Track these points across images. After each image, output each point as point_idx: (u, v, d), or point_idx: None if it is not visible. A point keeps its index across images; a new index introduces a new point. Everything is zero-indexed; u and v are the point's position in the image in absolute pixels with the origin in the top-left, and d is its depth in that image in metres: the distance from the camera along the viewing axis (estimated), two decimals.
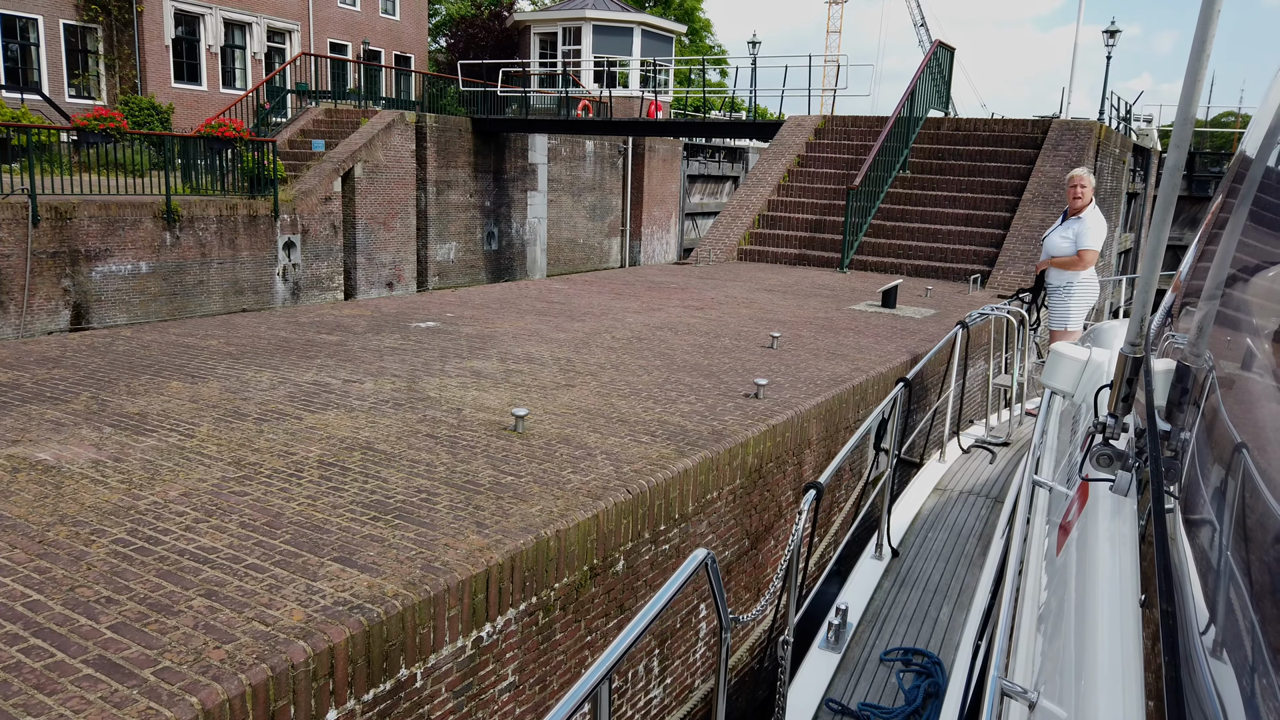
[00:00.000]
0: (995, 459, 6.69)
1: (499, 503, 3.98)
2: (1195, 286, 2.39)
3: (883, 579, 4.76)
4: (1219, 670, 1.21)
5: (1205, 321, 2.04)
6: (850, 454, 4.02)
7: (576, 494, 4.16)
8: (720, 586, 2.79)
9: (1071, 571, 2.12)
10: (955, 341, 6.70)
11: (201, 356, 6.40)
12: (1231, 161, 2.62)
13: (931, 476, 6.27)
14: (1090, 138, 15.27)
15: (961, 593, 4.64)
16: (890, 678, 3.90)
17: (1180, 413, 2.04)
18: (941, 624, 4.34)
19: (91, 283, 15.61)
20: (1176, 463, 1.90)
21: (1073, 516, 2.41)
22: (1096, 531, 2.16)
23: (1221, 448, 1.53)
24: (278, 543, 3.46)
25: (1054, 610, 2.12)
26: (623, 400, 5.81)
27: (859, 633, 4.24)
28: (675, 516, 4.67)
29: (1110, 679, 1.59)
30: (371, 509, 3.83)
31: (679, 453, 4.85)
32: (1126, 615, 1.76)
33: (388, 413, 5.23)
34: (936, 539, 5.30)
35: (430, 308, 8.99)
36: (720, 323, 8.85)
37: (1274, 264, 1.72)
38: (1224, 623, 1.25)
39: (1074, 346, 3.81)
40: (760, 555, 5.71)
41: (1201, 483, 1.62)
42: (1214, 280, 2.09)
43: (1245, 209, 2.01)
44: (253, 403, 5.28)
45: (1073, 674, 1.71)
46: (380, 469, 4.31)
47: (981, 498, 5.95)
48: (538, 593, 3.74)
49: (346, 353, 6.73)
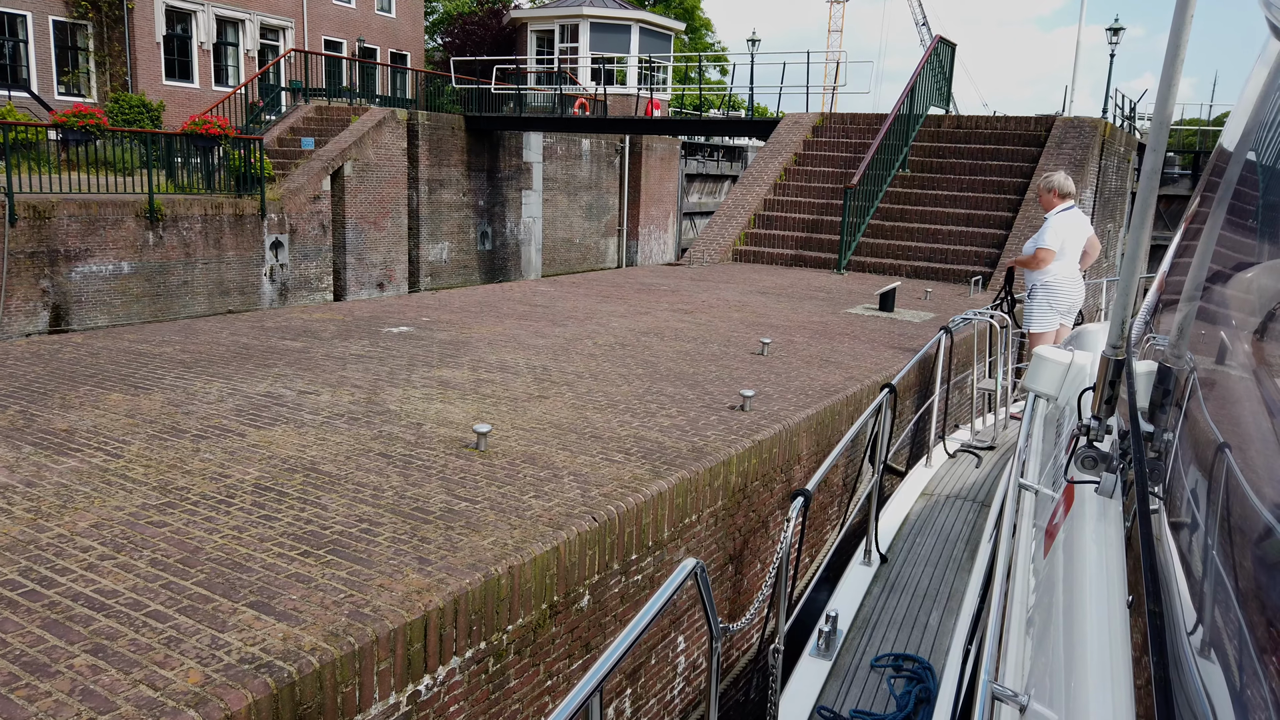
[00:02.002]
0: (981, 463, 6.70)
1: (448, 534, 3.59)
2: (1175, 286, 2.38)
3: (872, 585, 4.75)
4: (1207, 670, 1.20)
5: (1185, 322, 2.02)
6: (837, 460, 3.96)
7: (536, 522, 3.77)
8: (710, 596, 2.83)
9: (1059, 574, 2.12)
10: (940, 347, 6.73)
11: (151, 365, 6.00)
12: (1209, 158, 2.61)
13: (918, 481, 6.25)
14: (1095, 136, 14.86)
15: (950, 597, 4.63)
16: (881, 684, 3.88)
17: (1163, 414, 2.02)
18: (931, 629, 4.33)
19: (71, 283, 15.24)
20: (1160, 464, 1.89)
21: (1059, 519, 2.40)
22: (1083, 534, 2.15)
23: (1204, 448, 1.52)
24: (189, 584, 3.06)
25: (1043, 613, 2.12)
26: (598, 413, 5.41)
27: (849, 639, 4.24)
28: (649, 544, 4.28)
29: (1100, 680, 1.59)
30: (303, 542, 3.43)
31: (654, 473, 4.46)
32: (1114, 617, 1.75)
33: (340, 428, 4.83)
34: (925, 544, 5.28)
35: (406, 311, 8.59)
36: (709, 328, 8.46)
37: (1252, 262, 1.71)
38: (1211, 622, 1.24)
39: (1056, 350, 3.76)
40: (745, 580, 5.32)
41: (1185, 483, 1.61)
42: (1193, 280, 2.08)
43: (1224, 206, 1.98)
44: (195, 417, 4.88)
45: (1063, 676, 1.71)
46: (321, 494, 3.92)
47: (968, 502, 5.95)
48: (487, 637, 3.35)
49: (308, 361, 6.33)
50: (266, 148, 20.51)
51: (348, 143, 19.94)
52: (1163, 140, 2.18)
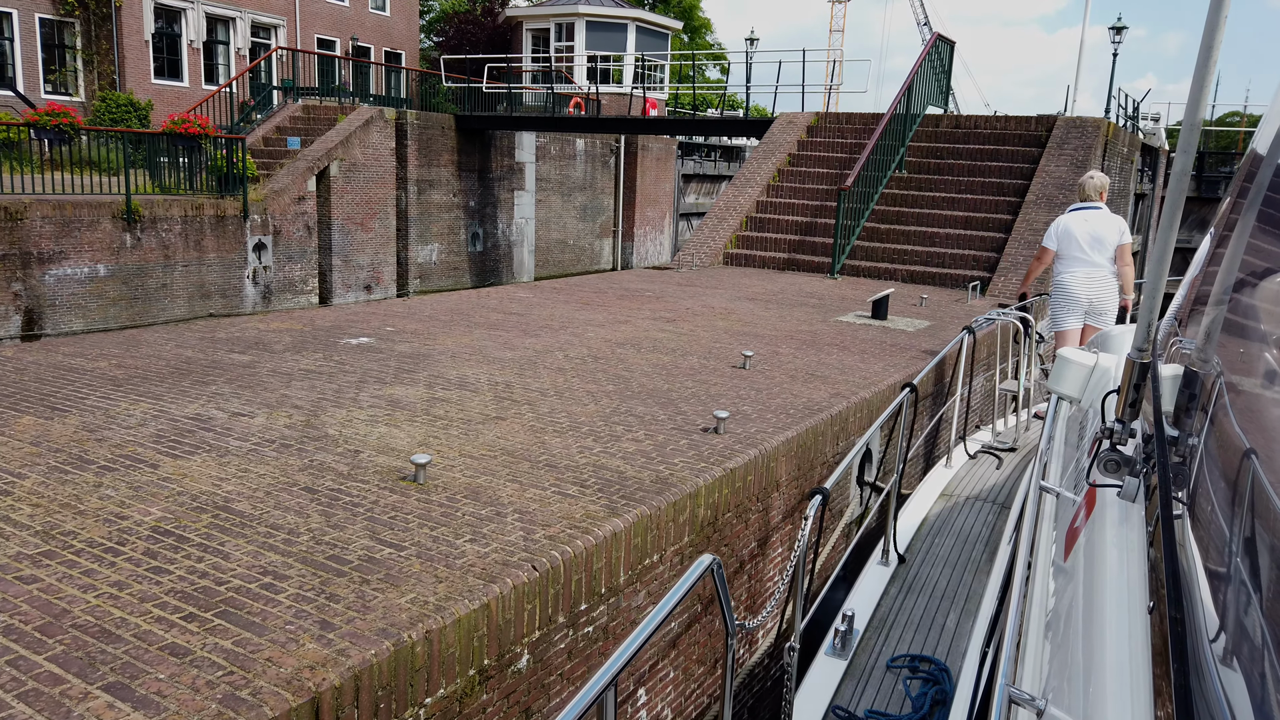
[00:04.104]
0: (1002, 464, 6.66)
1: (361, 589, 3.15)
2: (1203, 290, 2.35)
3: (889, 585, 4.73)
4: (1229, 678, 1.17)
5: (1213, 326, 2.00)
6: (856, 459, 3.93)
7: (466, 574, 3.32)
8: (726, 593, 2.84)
9: (1079, 578, 2.11)
10: (962, 347, 6.67)
11: (79, 382, 5.56)
12: (1241, 162, 2.58)
13: (938, 482, 6.21)
14: (1098, 136, 14.39)
15: (968, 599, 4.60)
16: (897, 685, 3.86)
17: (1188, 418, 1.99)
18: (949, 631, 4.30)
19: (45, 287, 14.82)
20: (1184, 468, 1.85)
21: (1080, 522, 2.38)
22: (1104, 538, 2.14)
23: (1230, 453, 1.49)
24: (42, 659, 2.62)
25: (1062, 617, 2.11)
26: (558, 437, 4.97)
27: (865, 639, 4.22)
28: (601, 591, 3.84)
29: (1119, 686, 1.58)
30: (191, 601, 2.99)
31: (610, 509, 4.01)
32: (1135, 622, 1.74)
33: (267, 457, 4.39)
34: (943, 545, 5.25)
35: (371, 320, 8.15)
36: (691, 338, 8.01)
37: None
38: (1234, 629, 1.21)
39: (1080, 351, 3.75)
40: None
41: (1210, 489, 1.57)
42: (1222, 284, 2.05)
43: (1254, 211, 1.94)
44: (108, 445, 4.44)
45: (1081, 681, 1.70)
46: (227, 539, 3.47)
47: (988, 503, 5.91)
48: (399, 714, 2.90)
49: (252, 377, 5.88)
50: (251, 147, 20.07)
51: (334, 142, 19.51)
52: (1194, 142, 2.13)
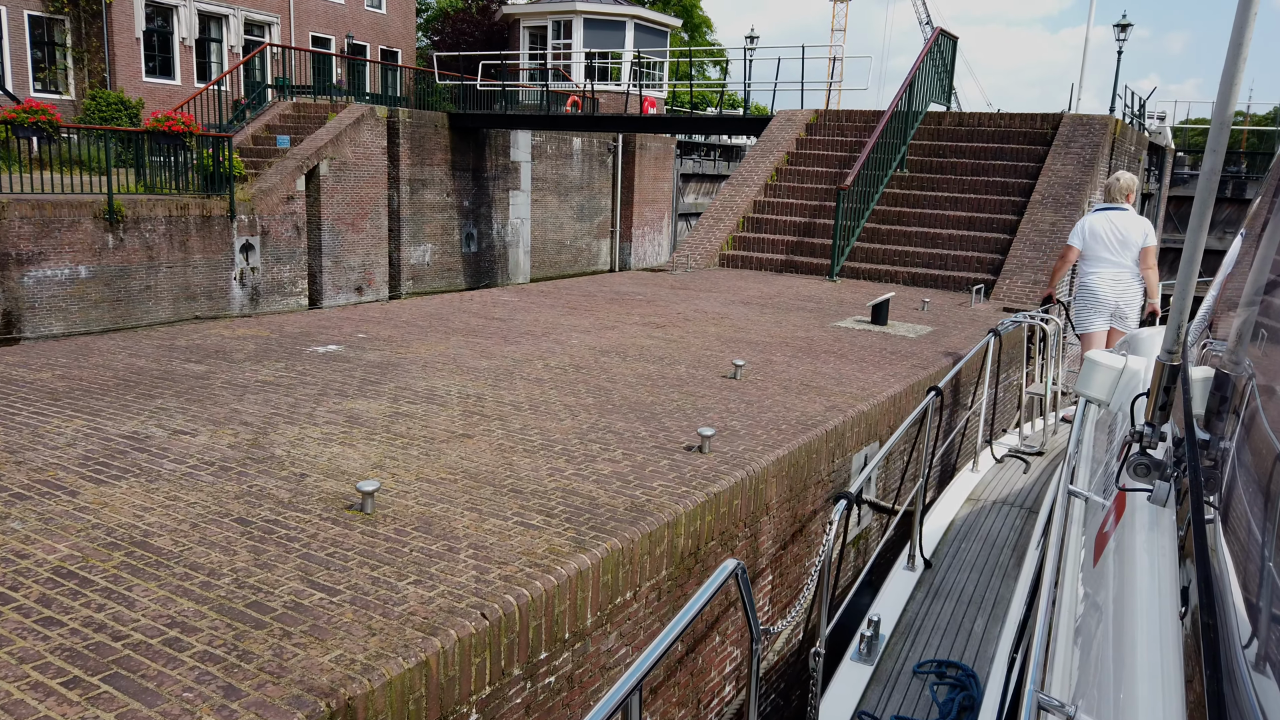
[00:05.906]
0: (1029, 468, 6.60)
1: (280, 645, 2.75)
2: (1234, 292, 2.33)
3: (915, 590, 4.72)
4: (1262, 684, 1.15)
5: (1245, 328, 1.96)
6: (881, 463, 3.85)
7: (404, 624, 2.92)
8: (751, 597, 2.84)
9: (1109, 583, 2.08)
10: (988, 349, 6.67)
11: (14, 396, 5.16)
12: (1273, 163, 2.55)
13: (964, 486, 6.16)
14: (1104, 134, 13.97)
15: (996, 604, 4.57)
16: (923, 690, 3.85)
17: (1219, 421, 1.96)
18: (976, 636, 4.28)
19: (24, 289, 14.45)
20: (1216, 472, 1.81)
21: (1109, 527, 2.36)
22: (1134, 543, 2.12)
23: (1262, 457, 1.45)
24: None
25: (1091, 623, 2.08)
26: (527, 458, 4.57)
27: (891, 645, 4.20)
28: (564, 636, 3.44)
29: (1149, 693, 1.54)
30: (78, 662, 2.59)
31: (577, 543, 3.61)
32: (1166, 628, 1.70)
33: (202, 483, 3.99)
34: (970, 550, 5.22)
35: (344, 327, 7.74)
36: (680, 345, 7.61)
37: None
38: (1266, 635, 1.20)
39: (1109, 354, 3.64)
40: (698, 662, 4.47)
41: (1242, 493, 1.53)
42: (1254, 285, 2.02)
43: None
44: (27, 468, 4.04)
45: (1110, 688, 1.67)
46: (136, 582, 3.07)
47: (1015, 508, 5.86)
48: None
49: (204, 390, 5.48)
50: (240, 146, 19.68)
51: (324, 140, 19.11)
52: (1223, 141, 2.11)
